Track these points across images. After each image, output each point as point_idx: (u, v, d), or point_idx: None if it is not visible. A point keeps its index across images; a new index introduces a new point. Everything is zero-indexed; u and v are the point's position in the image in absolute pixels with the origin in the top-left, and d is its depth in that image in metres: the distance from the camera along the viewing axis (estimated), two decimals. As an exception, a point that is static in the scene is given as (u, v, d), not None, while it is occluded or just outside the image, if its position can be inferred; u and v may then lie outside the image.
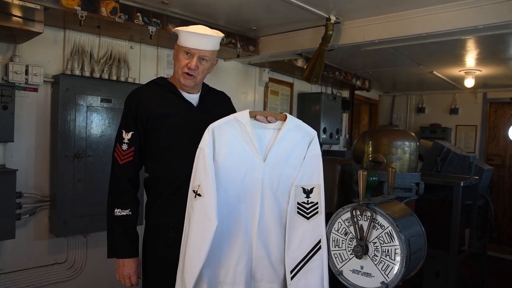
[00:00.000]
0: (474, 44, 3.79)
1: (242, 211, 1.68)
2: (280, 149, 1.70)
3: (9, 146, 2.94)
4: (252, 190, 1.69)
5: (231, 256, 1.67)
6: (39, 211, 3.11)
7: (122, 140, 1.86)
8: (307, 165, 1.71)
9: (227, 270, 1.67)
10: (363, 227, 1.65)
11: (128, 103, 1.90)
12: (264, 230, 1.70)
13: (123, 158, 1.86)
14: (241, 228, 1.68)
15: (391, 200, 1.83)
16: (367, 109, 7.37)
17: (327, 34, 3.31)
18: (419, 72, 5.31)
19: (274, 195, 1.70)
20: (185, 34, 1.83)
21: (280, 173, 1.71)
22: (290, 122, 1.71)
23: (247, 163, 1.67)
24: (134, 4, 3.08)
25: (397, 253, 1.57)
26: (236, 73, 4.59)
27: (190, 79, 1.87)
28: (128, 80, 3.47)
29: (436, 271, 3.14)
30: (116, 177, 1.89)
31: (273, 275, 1.71)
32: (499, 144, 6.48)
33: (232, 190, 1.67)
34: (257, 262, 1.70)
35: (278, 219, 1.71)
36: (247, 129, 1.66)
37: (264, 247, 1.70)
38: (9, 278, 2.97)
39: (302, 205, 1.71)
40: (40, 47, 3.06)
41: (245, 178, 1.68)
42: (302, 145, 1.73)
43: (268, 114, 1.71)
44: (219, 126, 1.66)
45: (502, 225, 6.15)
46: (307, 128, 1.76)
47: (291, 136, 1.71)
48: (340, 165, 2.50)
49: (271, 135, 1.71)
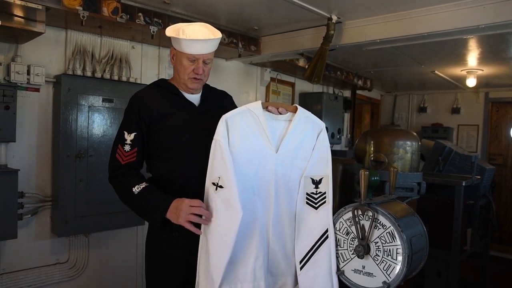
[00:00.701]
0: (476, 43, 3.78)
1: (257, 203, 1.68)
2: (291, 140, 1.71)
3: (11, 146, 2.94)
4: (265, 181, 1.69)
5: (249, 251, 1.65)
6: (41, 211, 3.12)
7: (124, 141, 1.84)
8: (316, 156, 1.73)
9: (246, 266, 1.65)
10: (365, 226, 1.65)
11: (130, 105, 1.89)
12: (279, 222, 1.70)
13: (125, 159, 1.83)
14: (257, 221, 1.67)
15: (393, 200, 1.83)
16: (369, 109, 7.36)
17: (329, 34, 3.30)
18: (421, 72, 5.31)
19: (286, 186, 1.71)
20: (187, 42, 1.79)
21: (291, 164, 1.72)
22: (300, 114, 1.73)
23: (260, 154, 1.68)
24: (135, 4, 3.09)
25: (398, 253, 1.57)
26: (238, 73, 4.59)
27: (197, 82, 1.88)
28: (129, 80, 3.48)
29: (437, 271, 3.14)
30: (120, 172, 1.84)
31: (287, 267, 1.72)
32: (501, 144, 6.46)
33: (246, 181, 1.66)
34: (273, 255, 1.70)
35: (291, 210, 1.72)
36: (260, 120, 1.67)
37: (279, 240, 1.70)
38: (11, 278, 2.98)
39: (311, 196, 1.72)
40: (42, 47, 3.06)
41: (259, 169, 1.68)
42: (311, 137, 1.75)
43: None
44: (232, 117, 1.65)
45: (504, 225, 6.13)
46: (315, 120, 1.78)
47: (301, 128, 1.73)
48: (341, 164, 2.49)
49: (283, 126, 1.72)
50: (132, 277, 3.65)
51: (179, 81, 1.92)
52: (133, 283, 3.66)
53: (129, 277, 3.64)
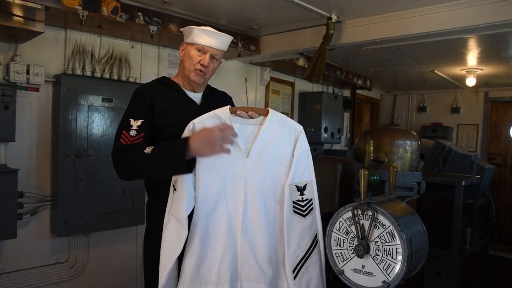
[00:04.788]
0: (476, 43, 3.78)
1: (224, 207, 1.67)
2: (263, 144, 1.68)
3: (11, 145, 2.94)
4: (234, 186, 1.67)
5: (214, 254, 1.66)
6: (41, 211, 3.12)
7: (130, 127, 1.75)
8: (297, 162, 1.70)
9: (210, 269, 1.65)
10: (365, 226, 1.64)
11: (135, 96, 1.87)
12: (249, 228, 1.68)
13: (130, 141, 1.73)
14: (223, 225, 1.67)
15: (393, 199, 1.83)
16: (369, 108, 7.36)
17: (329, 33, 3.30)
18: (421, 71, 5.31)
19: (259, 192, 1.68)
20: (199, 31, 1.84)
21: (266, 169, 1.69)
22: (272, 117, 1.70)
23: (228, 159, 1.66)
24: (135, 4, 3.09)
25: (398, 252, 1.57)
26: (237, 72, 4.59)
27: (201, 75, 1.88)
28: (129, 79, 3.47)
29: (437, 270, 3.13)
30: (124, 151, 1.72)
31: (260, 274, 1.69)
32: (500, 143, 6.47)
33: (212, 186, 1.66)
34: (243, 261, 1.69)
35: (264, 216, 1.69)
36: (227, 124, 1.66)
37: (250, 246, 1.68)
38: (10, 277, 2.98)
39: (297, 203, 1.70)
40: (41, 47, 3.06)
41: (227, 174, 1.67)
42: (287, 141, 1.71)
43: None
44: (199, 122, 1.67)
45: (503, 224, 6.14)
46: (292, 123, 1.74)
47: (275, 131, 1.70)
48: (341, 164, 2.49)
49: (252, 130, 1.70)
50: (131, 277, 3.65)
51: (182, 77, 1.93)
52: (133, 283, 3.66)
53: (129, 277, 3.64)
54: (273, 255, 1.71)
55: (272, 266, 1.70)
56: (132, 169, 1.74)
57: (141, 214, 3.42)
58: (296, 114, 5.35)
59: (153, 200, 1.93)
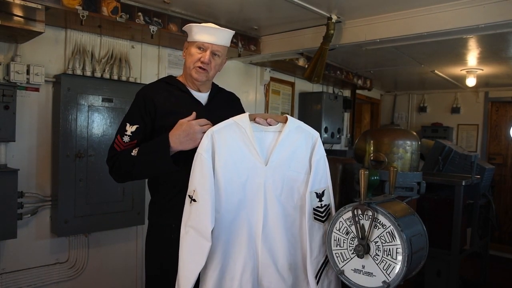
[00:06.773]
0: (476, 43, 3.78)
1: (245, 217, 1.66)
2: (282, 152, 1.68)
3: (11, 145, 2.94)
4: (254, 195, 1.66)
5: (236, 264, 1.64)
6: (41, 211, 3.12)
7: (124, 133, 1.81)
8: (316, 169, 1.70)
9: (232, 280, 1.64)
10: (365, 226, 1.64)
11: (137, 98, 1.88)
12: (269, 236, 1.67)
13: (122, 148, 1.81)
14: (245, 235, 1.65)
15: (393, 199, 1.83)
16: (369, 109, 7.36)
17: (329, 33, 3.30)
18: (421, 71, 5.31)
19: (277, 199, 1.68)
20: (198, 28, 1.84)
21: (283, 176, 1.68)
22: (291, 124, 1.69)
23: (248, 167, 1.65)
24: (135, 4, 3.08)
25: (398, 253, 1.56)
26: (237, 72, 4.59)
27: (203, 73, 1.87)
28: (129, 79, 3.47)
29: (437, 271, 3.13)
30: (116, 158, 1.82)
31: (281, 282, 1.68)
32: (500, 143, 6.47)
33: (233, 196, 1.64)
34: (264, 269, 1.68)
35: (283, 223, 1.68)
36: (247, 132, 1.64)
37: (270, 254, 1.67)
38: (10, 277, 2.98)
39: (317, 210, 1.70)
40: (42, 47, 3.06)
41: (247, 183, 1.65)
42: (304, 148, 1.71)
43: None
44: (218, 131, 1.64)
45: (503, 224, 6.14)
46: (309, 130, 1.73)
47: (293, 138, 1.69)
48: (341, 164, 2.49)
49: (272, 138, 1.68)
50: (131, 277, 3.65)
51: (186, 76, 1.93)
52: (133, 283, 3.66)
53: (129, 277, 3.64)
54: (293, 261, 1.71)
55: (292, 272, 1.70)
56: (124, 173, 1.82)
57: (141, 214, 3.42)
58: (296, 114, 5.35)
59: (155, 200, 1.93)
